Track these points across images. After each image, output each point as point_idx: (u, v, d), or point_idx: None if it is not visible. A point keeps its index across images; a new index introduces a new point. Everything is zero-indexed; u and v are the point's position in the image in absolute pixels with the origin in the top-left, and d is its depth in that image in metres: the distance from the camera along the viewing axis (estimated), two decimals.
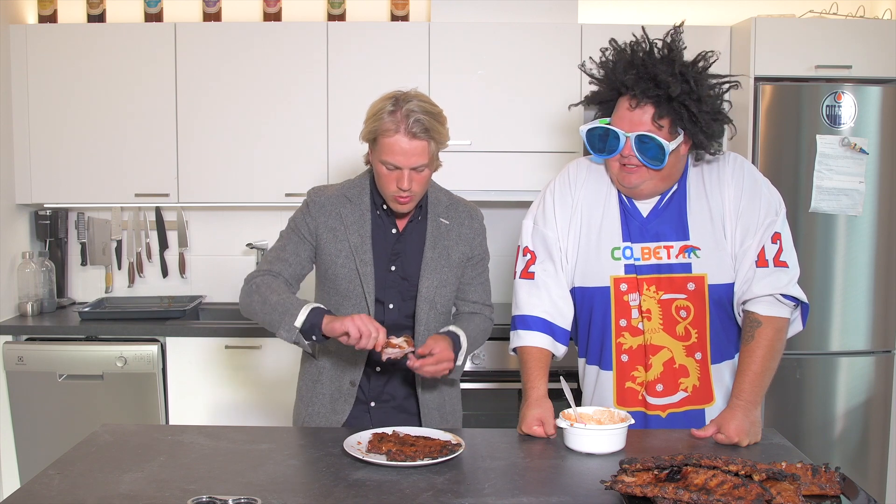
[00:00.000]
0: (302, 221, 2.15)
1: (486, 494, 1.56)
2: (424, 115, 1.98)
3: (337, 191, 2.17)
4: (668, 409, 2.00)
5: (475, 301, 2.25)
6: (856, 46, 3.27)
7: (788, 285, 1.94)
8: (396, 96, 2.01)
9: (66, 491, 1.56)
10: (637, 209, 2.03)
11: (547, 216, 2.09)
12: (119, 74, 3.48)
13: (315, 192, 2.19)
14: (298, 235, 2.15)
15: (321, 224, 2.13)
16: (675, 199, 2.02)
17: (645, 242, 2.01)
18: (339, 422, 2.14)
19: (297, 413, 2.24)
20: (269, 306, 2.03)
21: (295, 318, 1.97)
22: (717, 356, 2.01)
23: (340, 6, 3.65)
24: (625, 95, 1.97)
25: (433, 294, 2.13)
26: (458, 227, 2.19)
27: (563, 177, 2.12)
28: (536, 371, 2.01)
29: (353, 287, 2.11)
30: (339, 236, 2.11)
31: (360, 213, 2.13)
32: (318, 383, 2.18)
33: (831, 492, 1.53)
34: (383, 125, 1.98)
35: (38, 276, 3.56)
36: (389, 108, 1.98)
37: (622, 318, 2.01)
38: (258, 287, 2.08)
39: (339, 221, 2.12)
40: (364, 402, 2.16)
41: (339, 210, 2.13)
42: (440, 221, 2.17)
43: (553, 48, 3.44)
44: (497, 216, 3.86)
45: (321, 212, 2.13)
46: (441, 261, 2.15)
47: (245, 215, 3.84)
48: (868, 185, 3.24)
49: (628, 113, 1.95)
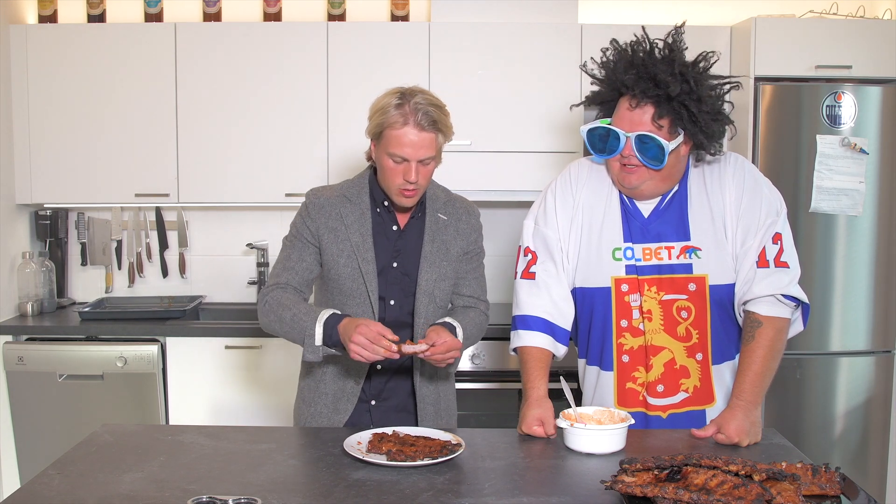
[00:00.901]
0: (303, 225, 2.15)
1: (486, 494, 1.56)
2: (432, 107, 2.01)
3: (336, 191, 2.18)
4: (669, 410, 2.00)
5: (470, 295, 2.26)
6: (856, 46, 3.27)
7: (789, 286, 1.94)
8: (402, 91, 2.04)
9: (66, 491, 1.56)
10: (638, 210, 2.03)
11: (548, 216, 2.09)
12: (119, 74, 3.48)
13: (313, 193, 2.19)
14: (301, 240, 2.15)
15: (322, 225, 2.13)
16: (676, 200, 2.02)
17: (646, 243, 2.01)
18: (341, 421, 2.14)
19: (298, 413, 2.24)
20: (285, 325, 2.06)
21: (314, 338, 1.99)
22: (717, 357, 2.01)
23: (340, 6, 3.65)
24: (625, 95, 1.97)
25: (432, 287, 2.15)
26: (456, 223, 2.21)
27: (565, 177, 2.12)
28: (537, 371, 2.00)
29: (357, 286, 2.11)
30: (341, 236, 2.12)
31: (360, 212, 2.14)
32: (322, 383, 2.18)
33: (831, 492, 1.53)
34: (391, 118, 2.00)
35: (39, 276, 3.56)
36: (396, 102, 2.00)
37: (623, 319, 2.01)
38: (271, 306, 2.09)
39: (340, 221, 2.13)
40: (365, 401, 2.17)
41: (338, 210, 2.14)
42: (438, 217, 2.18)
43: (553, 48, 3.43)
44: (497, 216, 3.86)
45: (321, 213, 2.14)
46: (439, 255, 2.16)
47: (245, 215, 3.84)
48: (868, 185, 3.24)
49: (628, 113, 1.95)
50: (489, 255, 3.90)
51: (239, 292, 3.87)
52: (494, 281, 3.92)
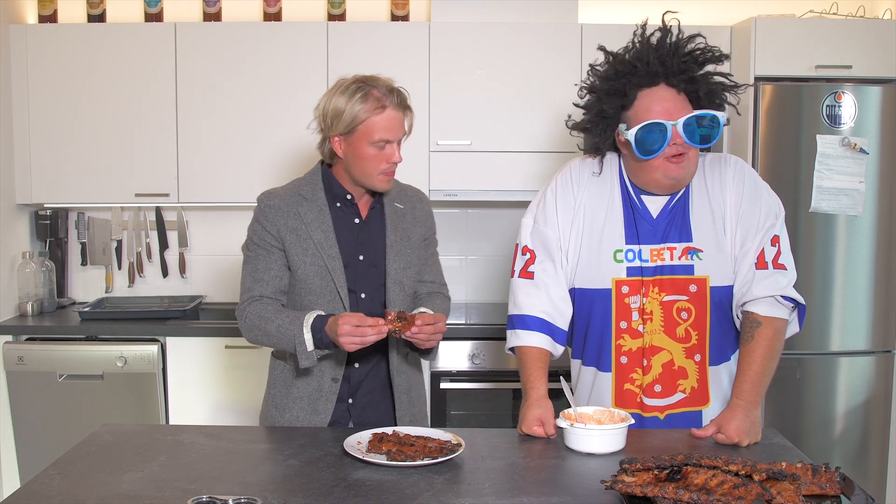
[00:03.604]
0: (262, 231, 2.13)
1: (486, 494, 1.56)
2: (396, 87, 2.06)
3: (288, 191, 2.17)
4: (666, 411, 1.99)
5: (432, 281, 2.28)
6: (856, 46, 3.27)
7: (787, 287, 1.95)
8: (357, 83, 2.05)
9: (66, 491, 1.56)
10: (647, 210, 2.02)
11: (548, 215, 2.08)
12: (119, 74, 3.48)
13: (266, 196, 2.18)
14: (265, 247, 2.13)
15: (282, 227, 2.11)
16: (681, 201, 2.02)
17: (653, 244, 2.00)
18: (323, 423, 2.11)
19: (268, 422, 2.18)
20: (272, 337, 2.06)
21: (304, 345, 2.00)
22: (715, 358, 2.01)
23: (340, 6, 3.65)
24: (648, 88, 1.93)
25: (401, 276, 2.15)
26: (413, 210, 2.23)
27: (566, 176, 2.09)
28: (536, 371, 2.00)
29: (325, 283, 2.10)
30: (302, 235, 2.11)
31: (318, 208, 2.13)
32: (293, 386, 2.15)
33: (831, 492, 1.53)
34: (366, 109, 2.02)
35: (39, 276, 3.56)
36: (361, 94, 2.02)
37: (622, 321, 2.00)
38: (252, 321, 2.09)
39: (299, 220, 2.12)
40: (343, 399, 2.15)
41: (296, 209, 2.13)
42: (396, 206, 2.20)
43: (553, 48, 3.44)
44: (497, 216, 3.86)
45: (278, 214, 2.12)
46: (403, 243, 2.18)
47: (245, 215, 3.78)
48: (868, 185, 3.24)
49: (669, 101, 1.92)
50: (487, 254, 3.93)
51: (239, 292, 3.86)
52: (494, 281, 3.93)
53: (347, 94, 2.05)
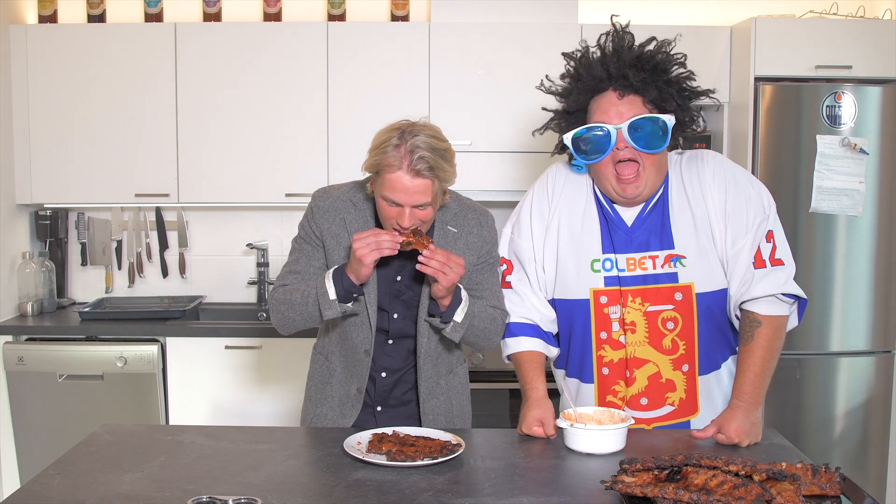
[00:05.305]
0: (308, 227, 2.09)
1: (486, 494, 1.56)
2: (430, 151, 1.86)
3: (343, 194, 2.10)
4: (654, 423, 1.98)
5: (494, 307, 2.09)
6: (856, 46, 3.27)
7: (787, 283, 1.93)
8: (403, 128, 1.89)
9: (66, 491, 1.56)
10: (621, 219, 1.98)
11: (522, 227, 2.06)
12: (119, 74, 3.48)
13: (319, 195, 2.11)
14: (309, 243, 2.09)
15: (325, 230, 2.07)
16: (659, 206, 1.98)
17: (630, 253, 1.96)
18: (347, 425, 2.10)
19: (305, 413, 2.20)
20: (297, 306, 2.00)
21: (326, 294, 1.93)
22: (704, 368, 1.98)
23: (340, 6, 3.65)
24: (601, 93, 1.94)
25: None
26: (467, 236, 2.07)
27: (542, 185, 2.08)
28: (533, 372, 2.00)
29: None
30: (343, 243, 2.05)
31: (363, 220, 2.06)
32: (328, 385, 2.14)
33: (831, 492, 1.53)
34: (387, 159, 1.86)
35: (39, 276, 3.56)
36: (395, 142, 1.86)
37: (602, 331, 1.98)
38: (279, 300, 2.04)
39: (343, 227, 2.06)
40: (370, 405, 2.13)
41: (343, 216, 2.07)
42: (448, 230, 2.06)
43: (553, 48, 3.41)
44: (496, 216, 3.86)
45: (325, 217, 2.07)
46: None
47: (245, 215, 3.84)
48: (868, 185, 3.24)
49: (616, 105, 1.91)
50: None
51: (239, 292, 3.86)
52: None
53: (386, 135, 1.90)
